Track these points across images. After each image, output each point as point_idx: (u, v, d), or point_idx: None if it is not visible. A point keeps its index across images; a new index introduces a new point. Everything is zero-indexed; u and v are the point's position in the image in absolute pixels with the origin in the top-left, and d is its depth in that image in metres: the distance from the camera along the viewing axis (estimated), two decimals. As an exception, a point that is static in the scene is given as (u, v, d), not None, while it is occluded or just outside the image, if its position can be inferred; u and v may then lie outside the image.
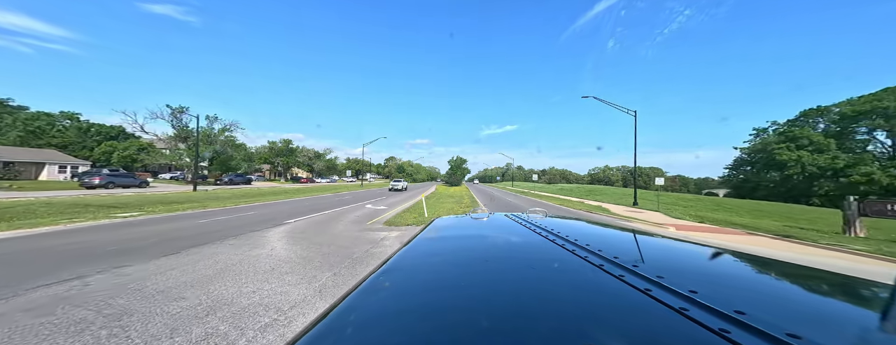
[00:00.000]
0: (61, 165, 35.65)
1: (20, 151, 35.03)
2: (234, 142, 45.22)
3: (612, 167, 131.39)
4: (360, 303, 0.65)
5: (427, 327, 0.56)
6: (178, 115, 35.96)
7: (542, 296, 0.69)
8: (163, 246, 5.67)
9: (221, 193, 22.13)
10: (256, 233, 7.09)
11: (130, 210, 11.32)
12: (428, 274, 0.89)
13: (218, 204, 14.21)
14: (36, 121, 44.68)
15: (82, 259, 4.82)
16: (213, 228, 7.57)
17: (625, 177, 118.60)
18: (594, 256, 0.89)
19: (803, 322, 0.54)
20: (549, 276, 0.83)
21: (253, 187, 34.72)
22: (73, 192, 20.51)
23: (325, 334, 0.52)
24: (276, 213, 11.36)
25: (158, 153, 38.99)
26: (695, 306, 0.55)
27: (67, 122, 46.84)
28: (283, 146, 61.90)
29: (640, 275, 0.72)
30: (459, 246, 1.27)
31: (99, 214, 10.11)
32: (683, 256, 1.07)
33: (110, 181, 24.40)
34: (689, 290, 0.61)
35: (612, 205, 21.94)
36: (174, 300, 3.38)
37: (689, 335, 0.47)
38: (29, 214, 9.30)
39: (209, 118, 40.09)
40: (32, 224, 7.77)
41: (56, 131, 44.82)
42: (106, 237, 6.50)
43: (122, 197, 17.24)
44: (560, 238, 1.14)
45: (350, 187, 39.72)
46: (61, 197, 16.16)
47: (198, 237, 6.44)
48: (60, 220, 8.51)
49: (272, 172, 64.22)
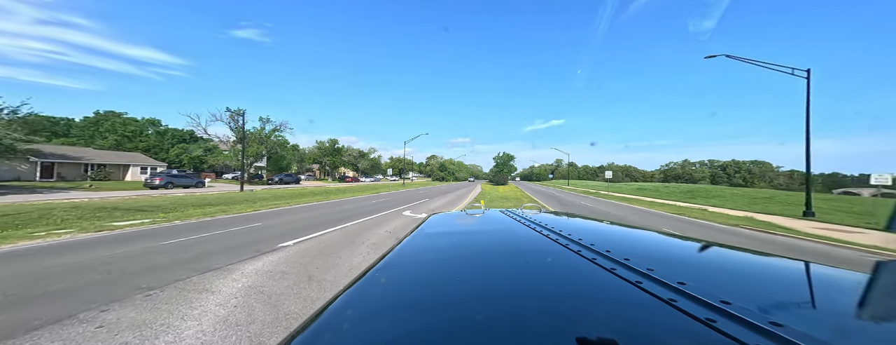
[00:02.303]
0: (143, 167, 39.61)
1: (111, 155, 39.66)
2: (285, 143, 46.82)
3: (693, 162, 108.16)
4: (356, 298, 0.66)
5: (424, 322, 0.57)
6: (235, 117, 37.68)
7: (537, 289, 0.71)
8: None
9: (261, 195, 21.61)
10: (211, 276, 4.32)
11: (149, 216, 10.16)
12: (424, 269, 0.91)
13: (243, 208, 12.90)
14: (128, 126, 51.02)
15: None
16: (163, 259, 5.13)
17: (714, 174, 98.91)
18: (587, 251, 0.90)
19: (785, 311, 0.58)
20: (543, 270, 0.84)
21: (299, 187, 35.02)
22: (134, 192, 21.45)
23: (323, 329, 0.53)
24: (290, 223, 9.25)
25: (221, 154, 41.55)
26: (683, 297, 0.57)
27: (152, 127, 52.77)
28: (330, 146, 63.57)
29: (631, 268, 0.73)
30: (455, 242, 1.26)
31: (106, 221, 8.94)
32: (674, 249, 1.13)
33: (169, 182, 25.55)
34: (677, 282, 0.63)
35: (773, 217, 14.18)
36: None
37: (677, 325, 0.49)
38: (29, 223, 8.31)
39: (261, 119, 41.69)
40: (8, 237, 6.46)
41: (144, 136, 50.66)
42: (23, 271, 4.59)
43: (164, 198, 17.15)
44: (554, 233, 1.16)
45: (392, 187, 38.38)
46: (109, 198, 16.39)
47: (99, 287, 3.84)
48: (40, 232, 7.17)
49: (321, 172, 66.51)
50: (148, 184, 25.20)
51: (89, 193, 19.67)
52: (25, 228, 7.64)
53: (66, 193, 19.84)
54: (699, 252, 1.02)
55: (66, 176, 32.57)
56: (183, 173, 28.69)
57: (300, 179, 43.89)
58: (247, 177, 37.93)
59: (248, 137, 37.34)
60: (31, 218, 9.02)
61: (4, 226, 7.86)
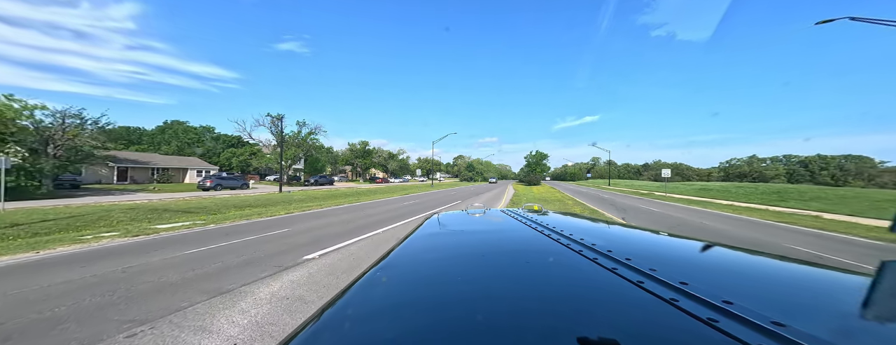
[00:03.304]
0: (198, 170, 43.65)
1: (173, 159, 44.20)
2: (320, 146, 49.08)
3: (763, 158, 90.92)
4: (357, 298, 0.66)
5: (424, 322, 0.57)
6: (275, 122, 40.16)
7: (538, 289, 0.71)
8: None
9: (297, 196, 22.68)
10: (219, 303, 3.76)
11: (191, 218, 10.95)
12: (425, 269, 0.91)
13: (278, 210, 13.54)
14: (188, 134, 56.64)
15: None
16: (175, 276, 4.74)
17: (792, 171, 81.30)
18: (588, 251, 0.90)
19: (788, 311, 0.56)
20: (545, 269, 0.85)
21: (332, 188, 36.46)
22: (187, 194, 23.56)
23: (323, 328, 0.54)
24: (319, 229, 9.39)
25: (263, 157, 44.58)
26: (685, 297, 0.57)
27: (207, 133, 58.12)
28: (361, 148, 65.61)
29: (633, 268, 0.73)
30: (456, 242, 1.27)
31: (153, 223, 9.72)
32: (676, 249, 1.10)
33: (218, 184, 27.77)
34: (679, 281, 0.63)
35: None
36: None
37: (679, 325, 0.49)
38: (88, 225, 9.23)
39: (298, 123, 44.03)
40: (59, 241, 7.14)
41: (200, 141, 55.94)
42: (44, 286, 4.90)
43: (211, 199, 18.53)
44: (555, 233, 1.15)
45: (421, 188, 38.61)
46: (165, 200, 18.04)
47: (85, 318, 3.37)
48: (87, 236, 7.87)
49: (353, 173, 68.92)
50: (200, 186, 27.60)
51: (151, 195, 21.90)
52: (81, 231, 8.48)
53: (133, 194, 22.29)
54: (701, 252, 1.02)
55: (137, 179, 36.77)
56: (230, 176, 31.10)
57: (334, 180, 45.80)
58: (285, 179, 40.25)
59: (286, 141, 39.60)
60: (92, 219, 10.06)
61: (66, 228, 8.80)
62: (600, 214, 13.36)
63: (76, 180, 26.44)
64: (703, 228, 11.15)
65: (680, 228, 11.08)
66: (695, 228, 11.35)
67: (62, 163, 22.75)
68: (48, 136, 22.69)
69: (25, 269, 5.20)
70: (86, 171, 31.23)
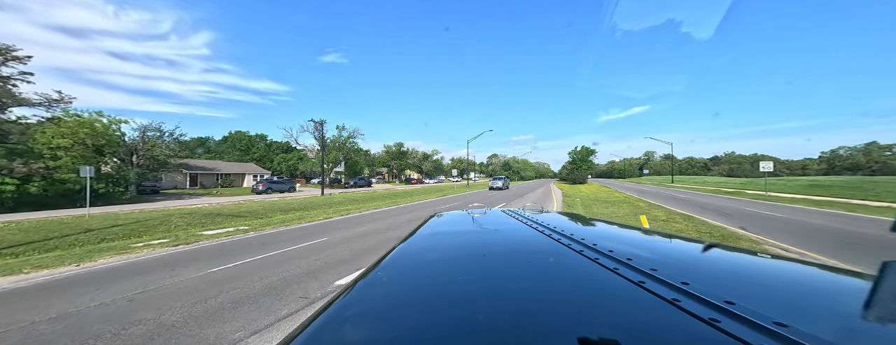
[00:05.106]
0: (254, 175, 47.74)
1: (234, 165, 48.85)
2: (358, 149, 50.94)
3: (885, 145, 68.19)
4: (358, 298, 0.67)
5: (425, 322, 0.58)
6: (318, 126, 42.46)
7: (539, 289, 0.71)
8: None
9: (338, 198, 23.51)
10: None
11: (238, 223, 11.62)
12: (426, 269, 0.91)
13: (318, 214, 13.99)
14: (246, 142, 62.44)
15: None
16: (180, 311, 3.89)
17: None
18: (589, 251, 0.90)
19: (790, 311, 0.56)
20: (546, 269, 0.85)
21: (371, 190, 37.47)
22: (242, 197, 25.60)
23: (324, 328, 0.54)
24: (356, 239, 9.22)
25: (309, 161, 47.45)
26: (686, 297, 0.56)
27: (261, 141, 63.60)
28: (396, 150, 67.04)
29: (634, 268, 0.73)
30: (457, 242, 1.26)
31: (204, 229, 10.40)
32: (677, 249, 1.10)
33: (269, 188, 29.86)
34: (681, 282, 0.63)
35: None
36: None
37: (681, 325, 0.49)
38: (148, 230, 10.08)
39: (338, 128, 46.13)
40: (109, 250, 7.71)
41: (256, 148, 61.36)
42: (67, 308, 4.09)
43: (261, 203, 19.83)
44: (556, 233, 1.15)
45: (456, 188, 38.20)
46: (222, 204, 19.65)
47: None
48: (138, 245, 8.42)
49: (389, 175, 70.64)
50: (254, 189, 29.92)
51: (213, 199, 24.13)
52: (141, 236, 9.25)
53: (199, 199, 24.76)
54: (703, 252, 1.01)
55: (205, 184, 41.16)
56: (280, 180, 33.35)
57: (372, 182, 47.24)
58: (328, 181, 42.30)
59: (327, 145, 41.60)
60: (154, 225, 11.04)
61: (130, 234, 9.68)
62: (700, 223, 11.62)
63: (156, 186, 30.17)
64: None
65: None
66: None
67: (143, 171, 26.06)
68: (133, 147, 26.16)
69: (47, 290, 4.89)
70: (165, 177, 35.63)
